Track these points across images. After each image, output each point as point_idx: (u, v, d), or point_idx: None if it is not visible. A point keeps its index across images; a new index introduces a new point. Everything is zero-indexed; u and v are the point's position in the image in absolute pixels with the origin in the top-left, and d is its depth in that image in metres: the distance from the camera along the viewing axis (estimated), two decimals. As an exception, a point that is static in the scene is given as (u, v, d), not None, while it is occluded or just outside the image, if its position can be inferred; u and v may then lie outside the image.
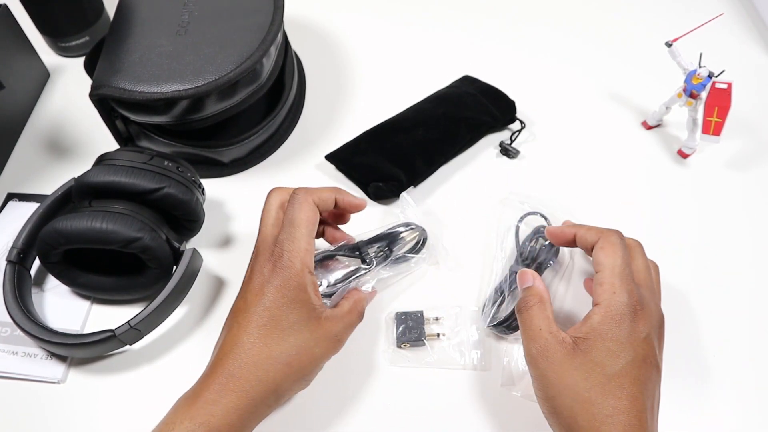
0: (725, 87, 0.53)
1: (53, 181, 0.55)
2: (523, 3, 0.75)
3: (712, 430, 0.45)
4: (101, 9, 0.69)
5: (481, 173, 0.59)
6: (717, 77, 0.54)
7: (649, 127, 0.63)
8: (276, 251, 0.40)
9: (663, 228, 0.55)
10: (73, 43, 0.68)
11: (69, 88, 0.67)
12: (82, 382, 0.47)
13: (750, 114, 0.63)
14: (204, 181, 0.53)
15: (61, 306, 0.51)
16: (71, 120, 0.64)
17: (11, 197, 0.57)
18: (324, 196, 0.43)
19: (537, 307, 0.40)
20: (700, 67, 0.55)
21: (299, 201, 0.42)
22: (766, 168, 0.60)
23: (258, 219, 0.45)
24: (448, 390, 0.46)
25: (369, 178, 0.56)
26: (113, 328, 0.45)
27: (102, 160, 0.49)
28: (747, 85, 0.62)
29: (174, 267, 0.48)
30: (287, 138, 0.62)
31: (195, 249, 0.49)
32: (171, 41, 0.55)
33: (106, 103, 0.54)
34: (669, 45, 0.56)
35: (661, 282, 0.45)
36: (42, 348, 0.48)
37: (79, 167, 0.57)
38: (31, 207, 0.52)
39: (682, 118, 0.59)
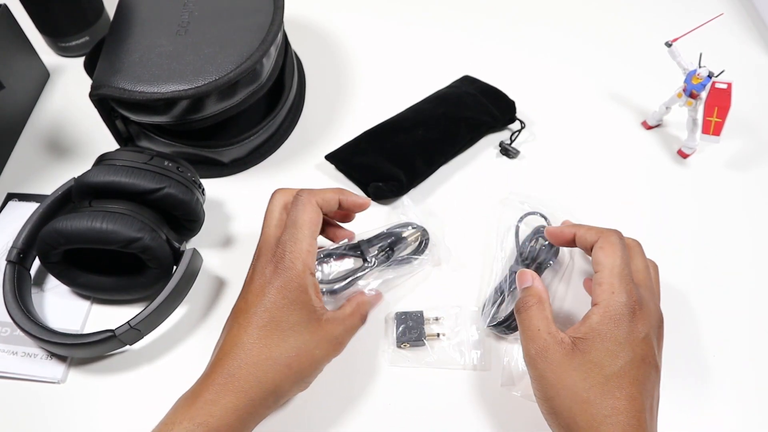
0: (725, 87, 0.53)
1: (53, 181, 0.55)
2: (523, 3, 0.75)
3: (712, 430, 0.45)
4: (101, 9, 0.69)
5: (481, 173, 0.59)
6: (717, 77, 0.54)
7: (649, 127, 0.63)
8: (278, 252, 0.40)
9: (663, 228, 0.55)
10: (73, 43, 0.68)
11: (69, 88, 0.67)
12: (82, 382, 0.47)
13: (750, 114, 0.63)
14: (204, 181, 0.53)
15: (61, 306, 0.51)
16: (71, 120, 0.64)
17: (11, 197, 0.57)
18: (327, 197, 0.43)
19: (536, 308, 0.40)
20: (700, 67, 0.55)
21: (302, 202, 0.42)
22: (766, 168, 0.60)
23: (258, 219, 0.45)
24: (447, 390, 0.46)
25: (369, 178, 0.56)
26: (113, 328, 0.45)
27: (102, 160, 0.49)
28: (747, 85, 0.62)
29: (174, 267, 0.48)
30: (287, 138, 0.62)
31: (195, 249, 0.49)
32: (171, 41, 0.55)
33: (106, 103, 0.54)
34: (669, 45, 0.56)
35: (661, 282, 0.45)
36: (42, 348, 0.48)
37: (79, 167, 0.57)
38: (31, 207, 0.52)
39: (682, 118, 0.59)
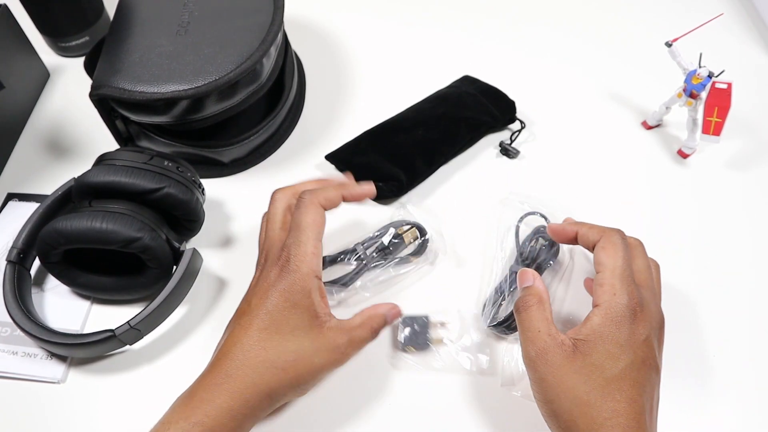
0: (725, 87, 0.53)
1: (53, 181, 0.55)
2: (523, 3, 0.75)
3: (712, 430, 0.45)
4: (101, 9, 0.69)
5: (481, 173, 0.59)
6: (717, 77, 0.54)
7: (649, 127, 0.63)
8: (283, 255, 0.40)
9: (663, 228, 0.55)
10: (73, 43, 0.68)
11: (69, 88, 0.67)
12: (82, 382, 0.47)
13: (750, 114, 0.63)
14: (204, 181, 0.53)
15: (61, 306, 0.51)
16: (71, 120, 0.64)
17: (11, 197, 0.57)
18: (330, 196, 0.43)
19: (536, 307, 0.40)
20: (700, 67, 0.55)
21: (305, 204, 0.41)
22: (766, 168, 0.60)
23: (259, 219, 0.45)
24: (447, 390, 0.46)
25: (369, 178, 0.56)
26: (113, 328, 0.45)
27: (102, 160, 0.49)
28: (747, 85, 0.62)
29: (174, 267, 0.48)
30: (287, 138, 0.62)
31: (195, 249, 0.49)
32: (171, 41, 0.54)
33: (106, 103, 0.54)
34: (669, 45, 0.56)
35: (661, 282, 0.45)
36: (42, 348, 0.48)
37: (79, 167, 0.57)
38: (31, 207, 0.52)
39: (682, 118, 0.59)
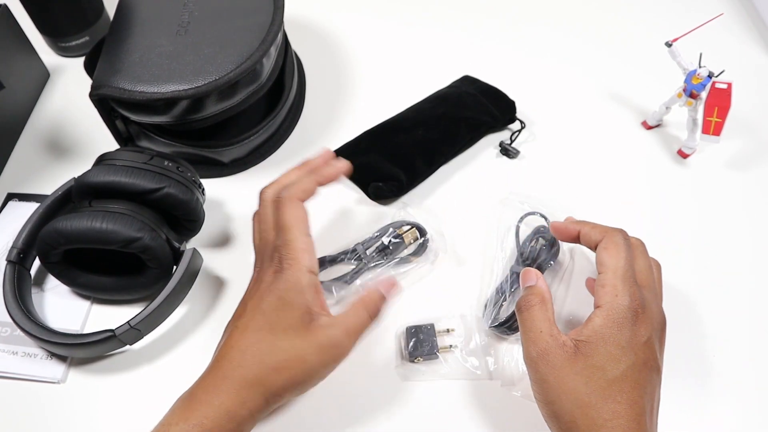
0: (725, 87, 0.53)
1: (53, 181, 0.55)
2: (523, 3, 0.75)
3: (712, 430, 0.45)
4: (101, 9, 0.69)
5: (481, 173, 0.59)
6: (717, 77, 0.54)
7: (649, 127, 0.63)
8: (275, 257, 0.40)
9: (663, 228, 0.55)
10: (73, 43, 0.68)
11: (69, 88, 0.67)
12: (82, 382, 0.47)
13: (750, 114, 0.63)
14: (204, 181, 0.53)
15: (61, 306, 0.51)
16: (71, 120, 0.64)
17: (11, 197, 0.57)
18: (305, 187, 0.43)
19: (538, 307, 0.40)
20: (700, 67, 0.55)
21: (283, 203, 0.42)
22: (766, 168, 0.60)
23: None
24: (447, 391, 0.46)
25: (369, 178, 0.56)
26: (113, 328, 0.45)
27: (102, 160, 0.49)
28: (747, 85, 0.62)
29: (174, 267, 0.48)
30: (287, 138, 0.62)
31: (195, 249, 0.49)
32: (171, 41, 0.54)
33: (106, 103, 0.54)
34: (669, 45, 0.56)
35: (662, 282, 0.45)
36: (42, 348, 0.48)
37: (79, 167, 0.57)
38: (31, 207, 0.52)
39: (682, 118, 0.59)
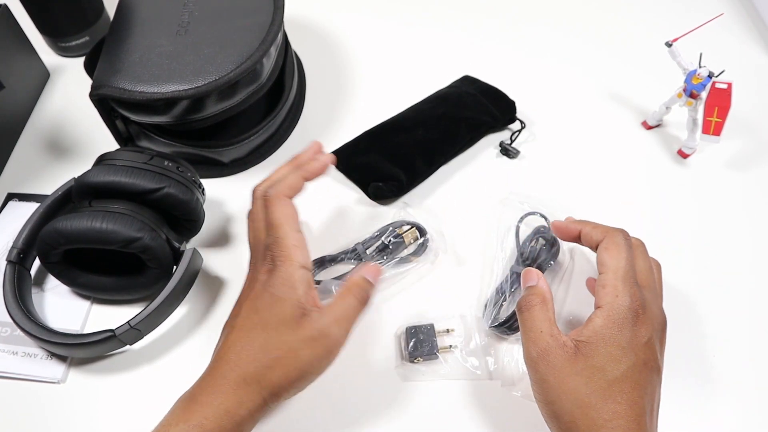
0: (725, 87, 0.53)
1: (53, 181, 0.55)
2: (523, 3, 0.75)
3: (712, 430, 0.45)
4: (101, 9, 0.69)
5: (481, 173, 0.59)
6: (717, 77, 0.54)
7: (649, 127, 0.63)
8: (267, 256, 0.40)
9: (663, 228, 0.55)
10: (73, 43, 0.68)
11: (69, 88, 0.67)
12: (82, 382, 0.47)
13: (750, 114, 0.63)
14: (204, 181, 0.53)
15: (61, 306, 0.51)
16: (71, 120, 0.64)
17: (11, 197, 0.57)
18: (292, 183, 0.43)
19: (539, 307, 0.40)
20: (700, 67, 0.55)
21: (271, 201, 0.41)
22: (766, 168, 0.60)
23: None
24: (447, 392, 0.46)
25: (369, 178, 0.56)
26: (113, 328, 0.45)
27: (102, 160, 0.49)
28: (747, 85, 0.62)
29: (174, 267, 0.48)
30: (287, 138, 0.62)
31: (195, 249, 0.49)
32: (171, 41, 0.54)
33: (106, 103, 0.54)
34: (669, 45, 0.56)
35: (662, 282, 0.45)
36: (42, 348, 0.48)
37: (79, 167, 0.57)
38: (31, 207, 0.52)
39: (682, 118, 0.59)
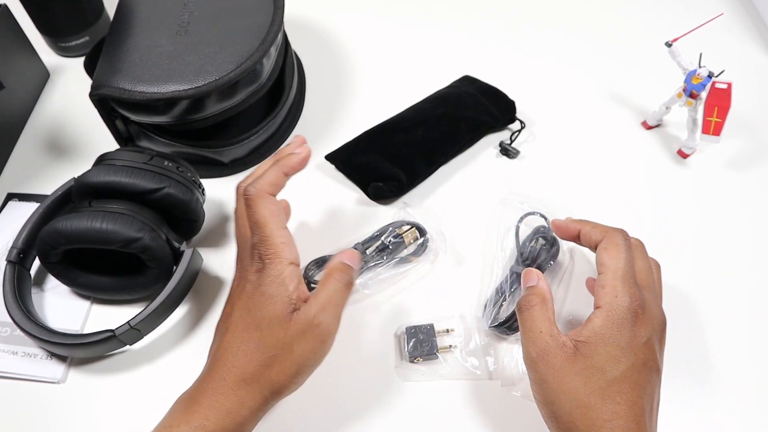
0: (725, 87, 0.53)
1: (53, 181, 0.55)
2: (523, 3, 0.75)
3: (712, 430, 0.45)
4: (101, 9, 0.69)
5: (481, 173, 0.59)
6: (717, 77, 0.54)
7: (649, 127, 0.63)
8: (255, 254, 0.40)
9: (663, 228, 0.55)
10: (73, 43, 0.68)
11: (69, 88, 0.67)
12: (82, 382, 0.47)
13: (750, 114, 0.63)
14: (204, 181, 0.53)
15: (61, 306, 0.51)
16: (71, 120, 0.64)
17: (11, 197, 0.57)
18: (272, 180, 0.42)
19: (539, 307, 0.40)
20: (700, 67, 0.55)
21: (253, 199, 0.41)
22: (766, 168, 0.59)
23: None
24: (447, 392, 0.46)
25: (369, 178, 0.56)
26: (113, 328, 0.45)
27: (102, 160, 0.49)
28: (747, 85, 0.62)
29: (174, 267, 0.48)
30: (287, 138, 0.62)
31: (195, 249, 0.49)
32: (171, 41, 0.54)
33: (106, 103, 0.54)
34: (669, 45, 0.56)
35: (662, 282, 0.45)
36: (42, 348, 0.48)
37: (79, 167, 0.57)
38: (31, 207, 0.52)
39: (682, 118, 0.59)
